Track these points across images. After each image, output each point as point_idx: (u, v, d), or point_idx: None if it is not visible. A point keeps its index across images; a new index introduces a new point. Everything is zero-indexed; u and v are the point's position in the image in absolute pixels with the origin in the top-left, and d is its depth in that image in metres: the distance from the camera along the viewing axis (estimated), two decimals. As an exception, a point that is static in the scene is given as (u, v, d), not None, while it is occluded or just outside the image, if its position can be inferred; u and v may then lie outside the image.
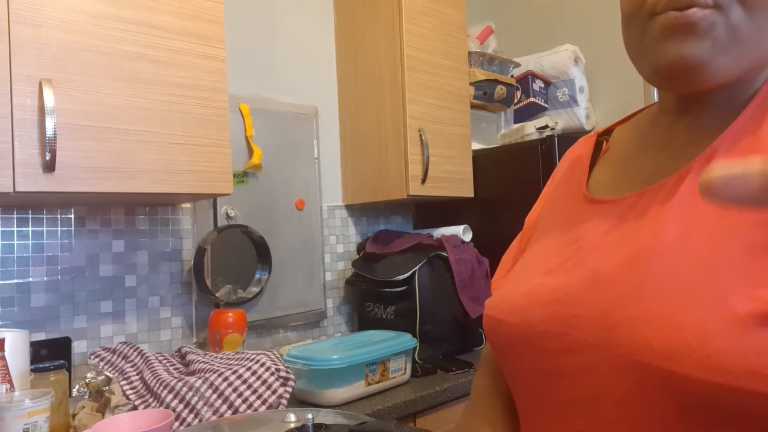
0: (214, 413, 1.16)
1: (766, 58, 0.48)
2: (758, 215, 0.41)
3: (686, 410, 0.40)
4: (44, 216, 1.48)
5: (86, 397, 1.27)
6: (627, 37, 0.53)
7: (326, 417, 0.68)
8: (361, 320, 2.06)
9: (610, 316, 0.44)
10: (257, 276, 1.84)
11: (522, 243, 0.68)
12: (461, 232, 2.03)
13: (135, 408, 1.17)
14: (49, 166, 1.16)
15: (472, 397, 0.66)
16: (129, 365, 1.29)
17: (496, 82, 2.27)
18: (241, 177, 1.84)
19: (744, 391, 0.37)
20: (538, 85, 2.42)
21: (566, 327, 0.48)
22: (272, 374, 1.25)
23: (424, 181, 1.94)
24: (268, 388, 1.23)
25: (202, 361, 1.31)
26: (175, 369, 1.31)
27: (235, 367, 1.24)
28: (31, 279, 1.45)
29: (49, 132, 1.15)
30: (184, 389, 1.16)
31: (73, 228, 1.52)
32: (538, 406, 0.51)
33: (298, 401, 1.44)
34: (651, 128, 0.57)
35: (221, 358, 1.33)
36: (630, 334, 0.42)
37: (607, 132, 0.65)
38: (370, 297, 2.02)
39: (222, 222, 1.79)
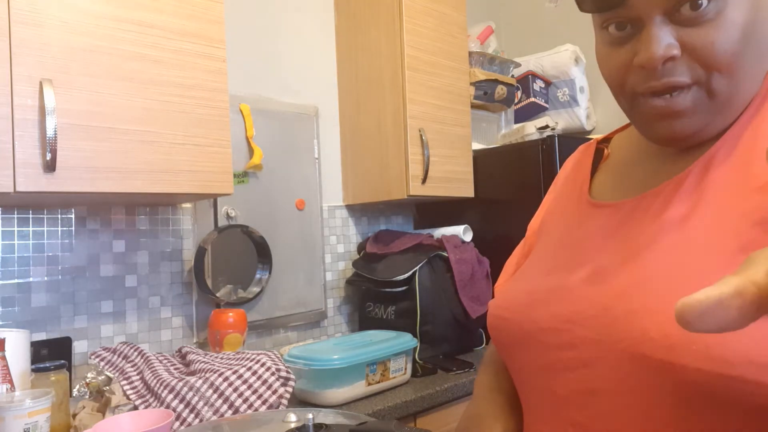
0: (214, 413, 1.16)
1: (753, 86, 0.49)
2: (753, 217, 0.42)
3: (685, 400, 0.41)
4: (45, 216, 1.48)
5: (87, 397, 1.27)
6: (618, 102, 0.55)
7: (327, 417, 0.68)
8: (362, 320, 2.06)
9: (610, 312, 0.46)
10: (258, 276, 1.84)
11: (525, 248, 0.71)
12: (462, 232, 2.03)
13: (135, 408, 1.17)
14: (50, 166, 1.16)
15: (475, 394, 0.67)
16: (129, 365, 1.29)
17: (497, 82, 2.27)
18: (241, 177, 1.84)
19: (742, 380, 0.38)
20: (538, 85, 2.42)
21: (568, 323, 0.49)
22: (273, 374, 1.26)
23: (424, 181, 1.94)
24: (269, 388, 1.23)
25: (203, 361, 1.31)
26: (175, 369, 1.31)
27: (236, 367, 1.24)
28: (31, 279, 1.45)
29: (50, 132, 1.15)
30: (185, 389, 1.16)
31: (73, 228, 1.52)
32: (540, 401, 0.53)
33: (299, 401, 1.44)
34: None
35: (222, 358, 1.33)
36: (630, 327, 0.43)
37: (606, 140, 0.67)
38: (370, 297, 2.02)
39: (222, 222, 1.79)
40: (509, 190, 2.07)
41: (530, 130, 2.18)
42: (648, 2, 0.46)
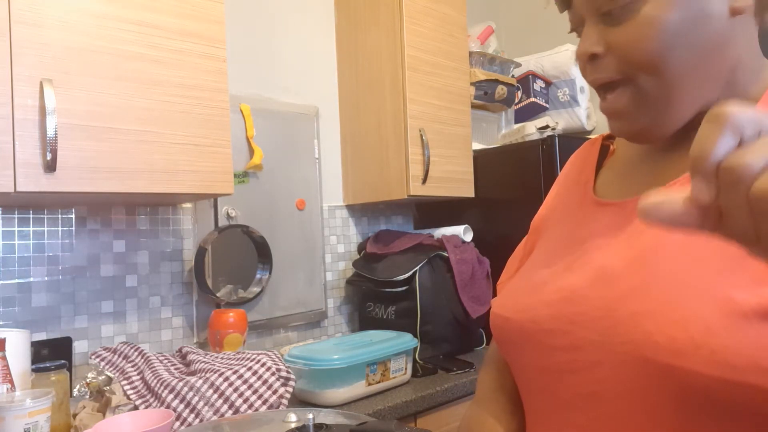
0: (214, 413, 1.16)
1: (713, 88, 0.50)
2: None
3: (689, 404, 0.40)
4: (45, 216, 1.48)
5: (87, 396, 1.27)
6: None
7: (327, 417, 0.68)
8: (362, 320, 2.06)
9: (614, 313, 0.45)
10: (258, 276, 1.84)
11: (528, 245, 0.69)
12: (462, 232, 2.03)
13: (136, 408, 1.17)
14: (50, 166, 1.16)
15: (477, 393, 0.67)
16: (130, 365, 1.29)
17: (497, 82, 2.27)
18: (241, 177, 1.84)
19: (747, 385, 0.37)
20: (538, 85, 2.42)
21: (571, 325, 0.48)
22: (273, 374, 1.26)
23: (424, 181, 1.94)
24: (269, 388, 1.23)
25: (203, 361, 1.31)
26: (176, 369, 1.31)
27: (236, 367, 1.24)
28: (32, 279, 1.45)
29: (50, 132, 1.15)
30: (185, 389, 1.16)
31: (74, 228, 1.52)
32: (543, 402, 0.52)
33: (299, 401, 1.44)
34: None
35: (222, 358, 1.33)
36: (634, 330, 0.43)
37: (612, 136, 0.66)
38: (370, 297, 2.02)
39: (223, 222, 1.79)
40: (509, 190, 2.07)
41: (530, 130, 2.18)
42: (581, 5, 0.52)
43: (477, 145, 2.26)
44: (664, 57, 0.47)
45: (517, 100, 2.42)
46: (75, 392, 1.42)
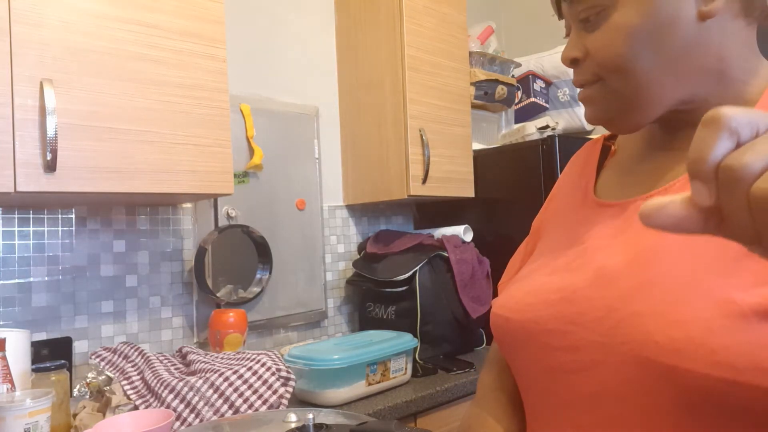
0: (215, 413, 1.16)
1: (697, 83, 0.52)
2: None
3: (690, 405, 0.40)
4: (45, 216, 1.48)
5: (87, 396, 1.27)
6: None
7: (327, 417, 0.68)
8: (362, 320, 2.06)
9: (615, 314, 0.45)
10: (258, 276, 1.84)
11: (528, 247, 0.69)
12: (462, 232, 2.03)
13: (136, 408, 1.17)
14: (50, 166, 1.16)
15: (477, 393, 0.67)
16: (130, 365, 1.29)
17: (497, 82, 2.27)
18: (241, 177, 1.84)
19: (748, 385, 0.37)
20: (538, 85, 2.42)
21: (572, 325, 0.48)
22: (273, 374, 1.26)
23: (424, 181, 1.94)
24: (269, 388, 1.23)
25: (203, 361, 1.31)
26: (176, 369, 1.31)
27: (236, 367, 1.24)
28: (32, 279, 1.45)
29: (50, 132, 1.15)
30: (185, 389, 1.16)
31: (74, 228, 1.52)
32: (544, 403, 0.52)
33: (299, 401, 1.44)
34: (656, 133, 0.58)
35: (222, 358, 1.33)
36: (634, 330, 0.43)
37: (613, 136, 0.66)
38: (370, 297, 2.02)
39: (223, 222, 1.79)
40: (509, 190, 2.07)
41: (530, 130, 2.18)
42: (566, 12, 0.55)
43: (477, 145, 2.26)
44: (630, 61, 0.50)
45: (517, 100, 2.42)
46: (75, 392, 1.42)
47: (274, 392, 1.23)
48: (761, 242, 0.27)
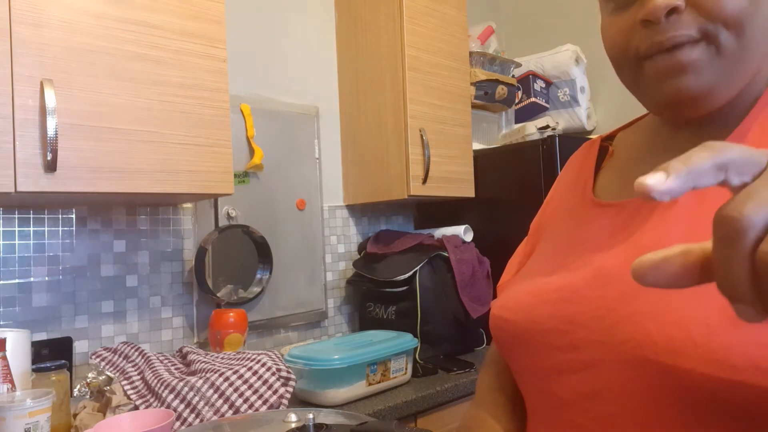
0: (215, 413, 1.16)
1: (758, 68, 0.49)
2: None
3: (689, 404, 0.40)
4: (45, 216, 1.48)
5: (87, 396, 1.27)
6: (621, 78, 0.54)
7: (327, 417, 0.68)
8: (362, 320, 2.06)
9: (614, 313, 0.45)
10: (258, 276, 1.84)
11: (527, 247, 0.69)
12: (462, 232, 2.03)
13: (136, 408, 1.17)
14: (51, 166, 1.16)
15: (477, 394, 0.67)
16: (130, 365, 1.29)
17: (497, 82, 2.27)
18: (242, 177, 1.84)
19: (747, 385, 0.37)
20: (539, 85, 2.42)
21: (571, 325, 0.48)
22: (273, 374, 1.26)
23: (425, 181, 1.94)
24: (269, 388, 1.23)
25: (203, 361, 1.31)
26: (176, 369, 1.31)
27: (236, 367, 1.24)
28: (32, 279, 1.45)
29: (51, 132, 1.15)
30: (185, 389, 1.16)
31: (74, 228, 1.52)
32: (543, 403, 0.52)
33: (299, 401, 1.44)
34: (655, 134, 0.58)
35: (222, 358, 1.33)
36: (634, 330, 0.43)
37: (610, 137, 0.66)
38: (371, 297, 2.02)
39: (223, 222, 1.79)
40: (510, 190, 2.07)
41: (531, 130, 2.18)
42: None
43: (477, 145, 2.26)
44: (750, 14, 0.45)
45: (517, 100, 2.42)
46: (75, 392, 1.42)
47: (275, 392, 1.23)
48: (755, 306, 0.23)
